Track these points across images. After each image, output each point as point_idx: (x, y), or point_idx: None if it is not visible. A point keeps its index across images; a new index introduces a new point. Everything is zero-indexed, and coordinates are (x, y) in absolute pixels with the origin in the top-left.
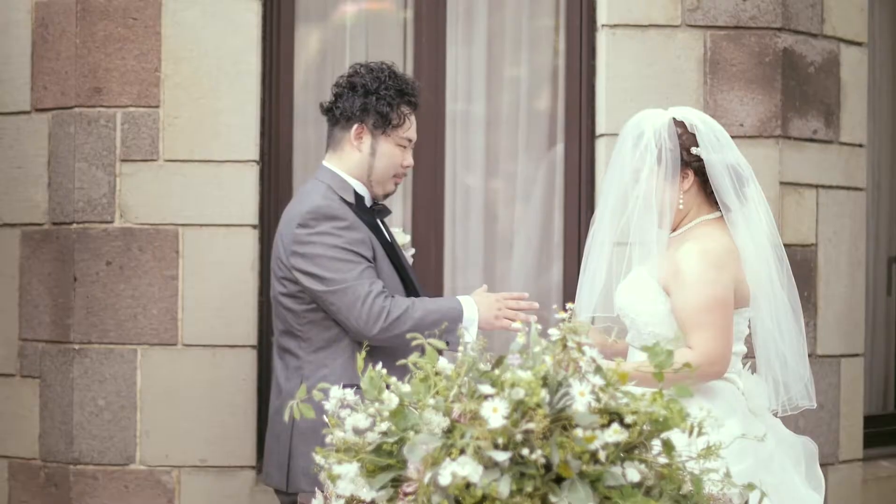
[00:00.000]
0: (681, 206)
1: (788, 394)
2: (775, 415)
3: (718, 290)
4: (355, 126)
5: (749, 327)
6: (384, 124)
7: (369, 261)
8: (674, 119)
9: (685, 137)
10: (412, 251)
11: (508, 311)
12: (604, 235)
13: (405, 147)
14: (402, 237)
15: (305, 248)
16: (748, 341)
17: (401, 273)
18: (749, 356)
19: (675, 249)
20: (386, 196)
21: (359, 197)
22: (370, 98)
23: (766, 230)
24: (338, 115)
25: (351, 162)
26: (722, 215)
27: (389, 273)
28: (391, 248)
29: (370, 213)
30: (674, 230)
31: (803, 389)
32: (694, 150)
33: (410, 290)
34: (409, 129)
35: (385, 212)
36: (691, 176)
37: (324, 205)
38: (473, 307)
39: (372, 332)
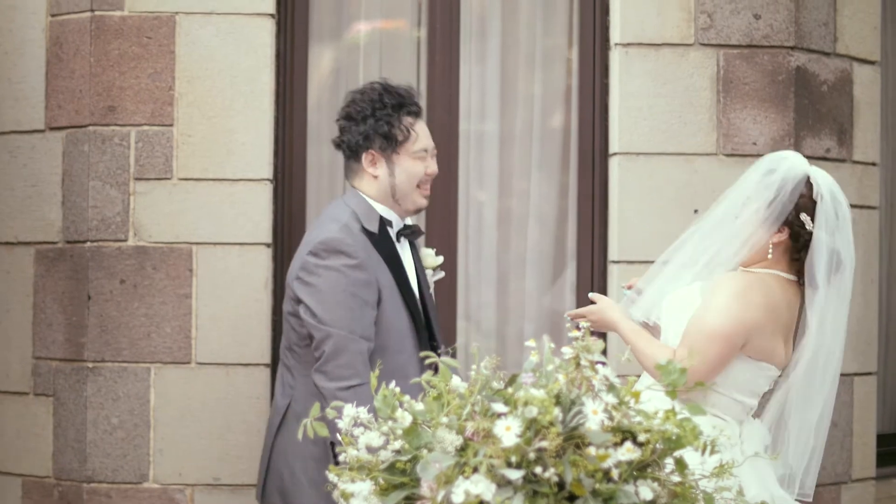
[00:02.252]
0: (770, 256)
1: (788, 469)
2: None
3: (730, 326)
4: (364, 154)
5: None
6: (391, 144)
7: (371, 309)
8: (808, 178)
9: (804, 199)
10: (440, 275)
11: None
12: (697, 245)
13: (423, 158)
14: (434, 259)
15: (310, 278)
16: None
17: (413, 311)
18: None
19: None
20: (417, 211)
21: (384, 223)
22: (368, 122)
23: (834, 318)
24: (345, 148)
25: (373, 189)
26: (788, 277)
27: (395, 312)
28: (405, 284)
29: (392, 242)
30: (745, 266)
31: (800, 472)
32: (808, 225)
33: (419, 330)
34: (420, 139)
35: (416, 234)
36: (786, 233)
37: (338, 238)
38: None
39: (327, 386)
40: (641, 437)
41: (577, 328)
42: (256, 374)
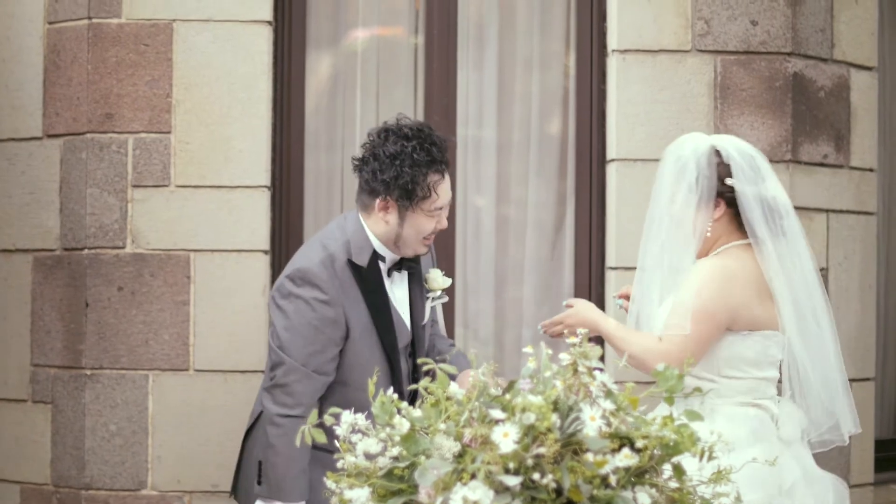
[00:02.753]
0: (708, 234)
1: (819, 429)
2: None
3: (710, 305)
4: (378, 200)
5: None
6: (410, 199)
7: (334, 340)
8: (713, 147)
9: (721, 167)
10: (444, 299)
11: None
12: (645, 260)
13: (437, 216)
14: (442, 281)
15: (280, 302)
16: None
17: (388, 350)
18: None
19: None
20: (416, 256)
21: (377, 257)
22: (393, 170)
23: (800, 269)
24: (362, 182)
25: (378, 229)
26: (748, 243)
27: (368, 351)
28: (383, 324)
29: (378, 276)
30: (704, 256)
31: (833, 423)
32: (728, 181)
33: (395, 370)
34: (440, 199)
35: (414, 263)
36: (723, 206)
37: (314, 272)
38: None
39: (269, 408)
40: (639, 443)
41: (575, 334)
42: (254, 381)
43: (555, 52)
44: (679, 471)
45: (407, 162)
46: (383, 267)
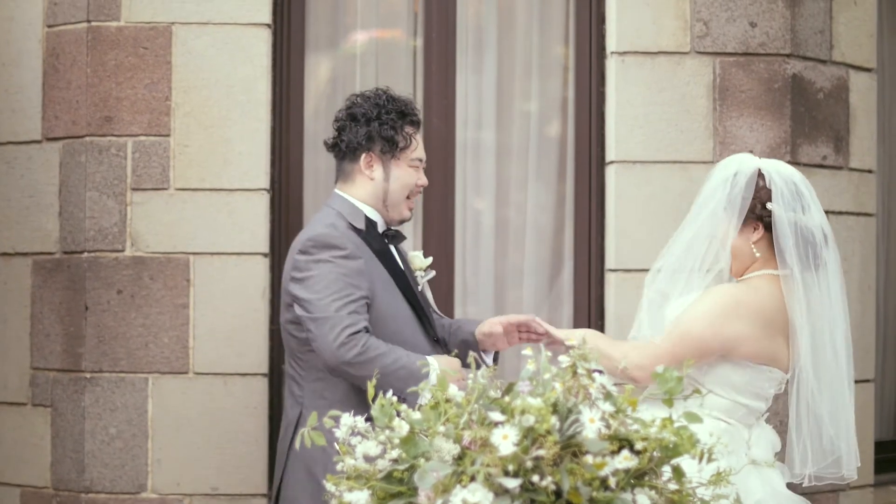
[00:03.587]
0: (757, 256)
1: (818, 464)
2: (801, 483)
3: (706, 332)
4: (363, 155)
5: (790, 389)
6: (392, 148)
7: (363, 292)
8: (759, 170)
9: (762, 191)
10: (432, 274)
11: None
12: (674, 263)
13: (417, 167)
14: (422, 261)
15: (302, 274)
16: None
17: (411, 300)
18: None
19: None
20: (401, 222)
21: (370, 223)
22: (373, 125)
23: (829, 302)
24: (343, 148)
25: (365, 191)
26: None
27: (395, 301)
28: (401, 276)
29: (381, 239)
30: (739, 276)
31: (836, 458)
32: (768, 205)
33: (421, 318)
34: (418, 149)
35: (399, 237)
36: (761, 229)
37: (325, 233)
38: (437, 370)
39: (343, 357)
40: (638, 446)
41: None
42: (254, 384)
43: (554, 54)
44: (678, 473)
45: (383, 115)
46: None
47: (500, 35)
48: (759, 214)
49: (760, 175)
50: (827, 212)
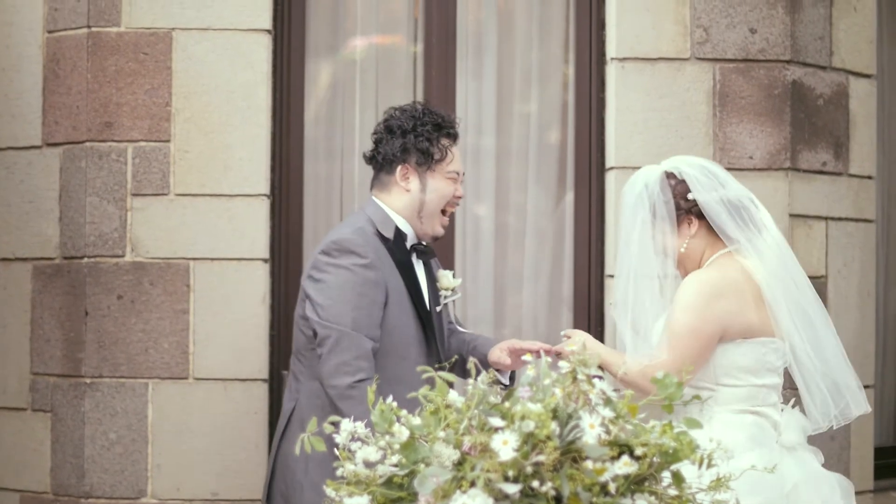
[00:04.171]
0: (682, 250)
1: (838, 407)
2: (829, 430)
3: (696, 321)
4: (399, 167)
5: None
6: (427, 160)
7: (378, 303)
8: (665, 172)
9: (678, 187)
10: (456, 296)
11: None
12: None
13: (454, 180)
14: (451, 281)
15: (320, 275)
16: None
17: (423, 318)
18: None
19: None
20: (434, 238)
21: (399, 234)
22: (408, 137)
23: (777, 254)
24: (380, 160)
25: (401, 202)
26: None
27: (403, 315)
28: (417, 292)
29: (406, 251)
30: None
31: (853, 398)
32: (689, 196)
33: (429, 337)
34: (454, 161)
35: (428, 254)
36: (695, 221)
37: (349, 238)
38: None
39: (340, 384)
40: (638, 451)
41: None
42: (254, 390)
43: (553, 60)
44: (678, 478)
45: (419, 128)
46: (406, 244)
47: (500, 41)
48: (686, 209)
49: (669, 175)
50: (826, 218)
